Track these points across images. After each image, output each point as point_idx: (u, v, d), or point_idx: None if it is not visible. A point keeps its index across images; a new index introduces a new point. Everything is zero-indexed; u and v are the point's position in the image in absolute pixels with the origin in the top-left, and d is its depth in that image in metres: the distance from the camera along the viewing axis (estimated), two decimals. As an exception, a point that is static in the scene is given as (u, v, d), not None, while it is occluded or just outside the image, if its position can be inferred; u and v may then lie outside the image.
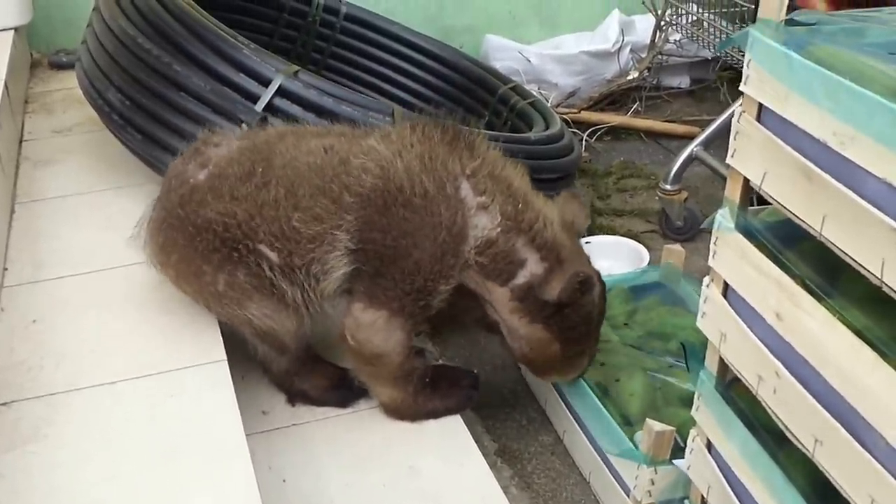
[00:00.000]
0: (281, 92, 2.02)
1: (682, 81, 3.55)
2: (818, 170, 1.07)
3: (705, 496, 1.42)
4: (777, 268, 1.17)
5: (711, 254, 1.33)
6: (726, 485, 1.34)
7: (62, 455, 1.46)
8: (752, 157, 1.21)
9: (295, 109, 2.01)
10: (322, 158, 1.69)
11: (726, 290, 1.31)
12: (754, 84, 1.19)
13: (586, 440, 1.81)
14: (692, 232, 2.63)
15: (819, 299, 1.10)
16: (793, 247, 1.19)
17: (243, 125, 1.99)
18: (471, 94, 2.81)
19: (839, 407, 1.06)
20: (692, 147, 2.56)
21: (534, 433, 1.96)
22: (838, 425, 1.06)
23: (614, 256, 2.43)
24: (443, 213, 1.63)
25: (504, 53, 3.31)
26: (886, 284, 0.97)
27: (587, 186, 2.93)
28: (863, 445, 1.02)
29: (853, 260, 1.02)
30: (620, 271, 2.30)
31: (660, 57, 3.35)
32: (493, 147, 1.74)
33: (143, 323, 1.80)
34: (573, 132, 3.07)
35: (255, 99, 2.03)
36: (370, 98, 2.44)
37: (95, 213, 2.23)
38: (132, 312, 1.83)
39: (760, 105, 1.19)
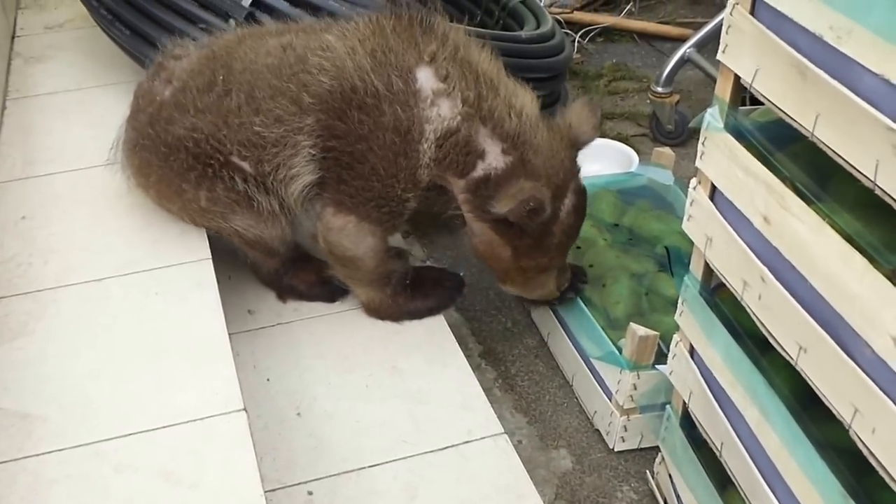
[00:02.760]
0: (269, -14, 1.92)
1: (678, -18, 3.42)
2: (812, 66, 0.98)
3: (687, 402, 1.37)
4: (766, 169, 1.10)
5: (699, 154, 1.25)
6: (708, 391, 1.29)
7: (50, 350, 1.44)
8: (745, 52, 1.12)
9: (282, 5, 1.91)
10: (280, 58, 1.58)
11: (713, 192, 1.23)
12: (748, -26, 1.10)
13: (570, 343, 1.76)
14: (683, 136, 2.54)
15: (809, 202, 1.03)
16: (783, 148, 1.11)
17: (231, 21, 1.89)
18: (464, -8, 2.69)
19: (825, 314, 1.00)
20: (685, 48, 2.45)
21: (518, 336, 1.91)
22: (824, 333, 0.99)
23: (603, 159, 2.35)
24: (389, 112, 1.52)
25: (499, -48, 3.17)
26: (880, 187, 0.89)
27: (578, 88, 2.83)
28: (848, 354, 0.96)
29: (846, 161, 0.94)
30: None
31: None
32: (457, 30, 1.60)
33: (132, 220, 1.75)
34: (565, 33, 2.96)
35: (242, -7, 1.93)
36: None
37: (86, 111, 2.17)
38: (121, 210, 1.78)
39: (755, -5, 1.10)
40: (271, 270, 1.79)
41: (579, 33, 3.05)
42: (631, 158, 2.31)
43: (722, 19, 2.30)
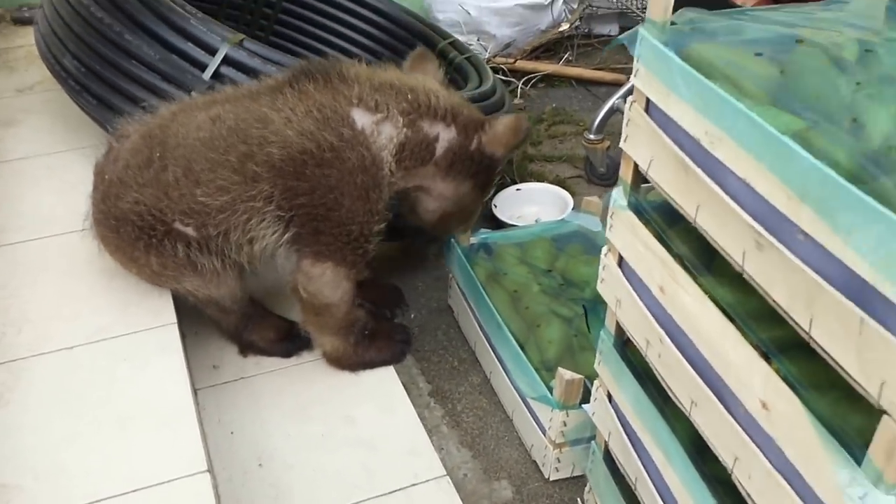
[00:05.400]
0: (227, 61, 2.00)
1: (612, 29, 3.55)
2: (693, 164, 1.10)
3: (607, 440, 1.48)
4: (661, 245, 1.21)
5: (608, 227, 1.36)
6: (623, 432, 1.40)
7: (25, 420, 1.49)
8: (641, 144, 1.23)
9: (241, 77, 1.99)
10: (210, 131, 1.66)
11: (621, 260, 1.35)
12: (642, 79, 1.20)
13: (509, 382, 1.87)
14: (614, 178, 2.65)
15: (694, 277, 1.14)
16: (675, 225, 1.22)
17: (192, 93, 1.98)
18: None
19: (710, 375, 1.11)
20: (613, 100, 2.57)
21: (464, 374, 2.02)
22: (709, 392, 1.11)
23: (541, 202, 2.48)
24: (352, 156, 1.64)
25: (446, 6, 3.29)
26: (747, 273, 1.01)
27: (521, 134, 2.94)
28: (729, 410, 1.07)
29: (720, 247, 1.06)
30: (547, 217, 2.36)
31: (591, 6, 3.36)
32: (359, 65, 1.75)
33: (101, 286, 1.82)
34: (509, 81, 3.09)
35: (202, 67, 2.01)
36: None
37: (56, 176, 2.22)
38: (91, 276, 1.84)
39: (648, 98, 1.21)
40: (231, 327, 1.89)
41: (522, 80, 3.18)
42: (566, 201, 2.43)
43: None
